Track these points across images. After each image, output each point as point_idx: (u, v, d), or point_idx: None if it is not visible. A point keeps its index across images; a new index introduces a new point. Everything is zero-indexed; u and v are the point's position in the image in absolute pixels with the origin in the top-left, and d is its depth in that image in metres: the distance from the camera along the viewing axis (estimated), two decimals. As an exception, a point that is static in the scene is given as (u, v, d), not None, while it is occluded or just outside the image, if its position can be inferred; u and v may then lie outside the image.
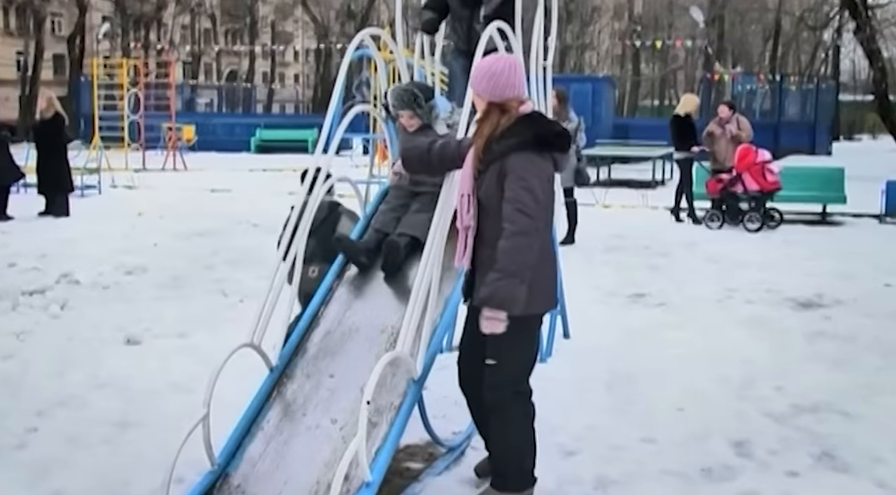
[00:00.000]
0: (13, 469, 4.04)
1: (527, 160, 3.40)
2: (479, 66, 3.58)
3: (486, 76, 3.49)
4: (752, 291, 8.06)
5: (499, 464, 3.72)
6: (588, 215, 13.35)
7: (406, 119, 4.63)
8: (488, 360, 3.58)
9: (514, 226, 3.33)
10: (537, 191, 3.38)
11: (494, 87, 3.47)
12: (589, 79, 29.02)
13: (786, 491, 3.91)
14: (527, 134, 3.43)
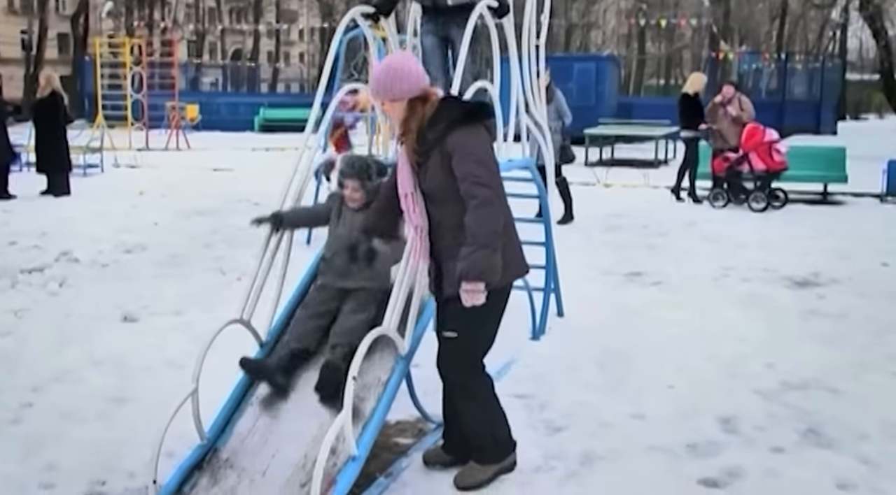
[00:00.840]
0: (7, 443, 4.10)
1: (466, 134, 3.43)
2: (384, 73, 3.49)
3: (396, 78, 3.45)
4: (749, 270, 8.08)
5: (473, 439, 3.76)
6: (588, 194, 13.41)
7: (350, 191, 4.12)
8: (448, 333, 3.63)
9: (476, 200, 3.36)
10: (487, 161, 3.45)
11: (410, 84, 3.46)
12: (592, 58, 28.90)
13: (769, 467, 3.95)
14: (454, 112, 3.47)
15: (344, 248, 4.10)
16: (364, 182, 4.09)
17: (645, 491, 3.70)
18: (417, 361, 5.50)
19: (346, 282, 4.08)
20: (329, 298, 4.07)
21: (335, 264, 4.10)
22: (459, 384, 3.70)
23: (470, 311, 3.46)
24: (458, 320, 3.58)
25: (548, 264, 6.03)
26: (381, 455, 4.11)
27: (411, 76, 3.47)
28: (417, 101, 3.48)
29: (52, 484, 3.71)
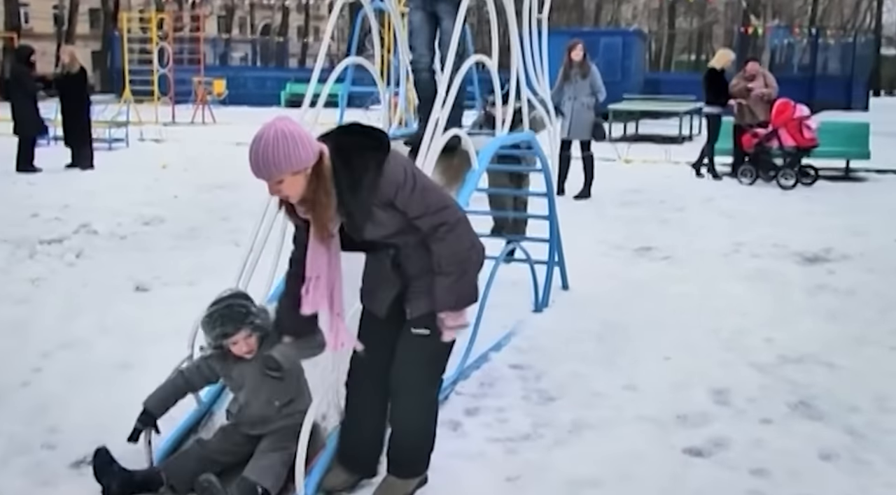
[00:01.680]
0: (14, 405, 4.24)
1: (389, 174, 2.97)
2: (280, 143, 2.83)
3: (295, 145, 2.84)
4: (760, 246, 8.07)
5: (405, 454, 3.38)
6: (608, 170, 13.39)
7: (242, 344, 3.43)
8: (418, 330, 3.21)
9: (442, 229, 3.02)
10: (429, 185, 3.10)
11: (311, 148, 2.90)
12: (619, 32, 28.65)
13: (756, 437, 3.99)
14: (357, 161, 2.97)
15: (250, 397, 3.48)
16: (254, 321, 3.41)
17: (629, 458, 3.76)
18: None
19: (266, 428, 3.48)
20: (241, 442, 3.50)
21: (248, 414, 3.49)
22: (418, 398, 3.32)
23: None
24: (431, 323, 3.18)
25: (551, 238, 6.08)
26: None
27: (305, 138, 2.89)
28: (319, 166, 2.93)
29: (54, 444, 3.84)
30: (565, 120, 11.01)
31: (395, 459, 3.37)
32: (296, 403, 3.48)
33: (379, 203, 2.97)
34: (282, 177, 2.86)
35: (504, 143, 5.18)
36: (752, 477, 3.62)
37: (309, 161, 2.88)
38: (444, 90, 4.31)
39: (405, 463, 3.39)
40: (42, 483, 3.49)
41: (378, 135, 3.04)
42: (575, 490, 3.48)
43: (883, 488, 3.54)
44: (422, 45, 5.14)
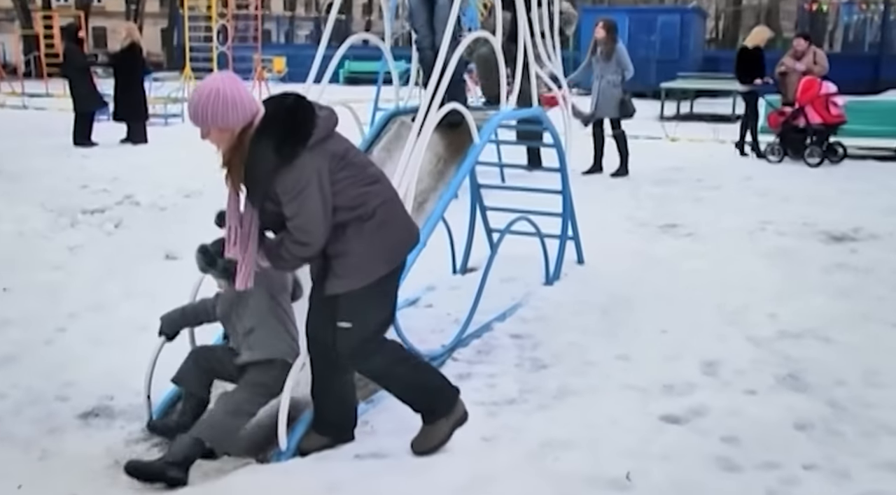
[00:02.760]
0: (36, 361, 4.55)
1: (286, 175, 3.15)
2: (214, 99, 3.09)
3: (230, 106, 3.10)
4: (789, 224, 8.05)
5: (415, 404, 3.60)
6: (652, 148, 13.41)
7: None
8: (341, 323, 3.38)
9: (292, 249, 3.29)
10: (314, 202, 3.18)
11: (244, 113, 3.15)
12: (677, 10, 28.23)
13: (735, 407, 4.09)
14: (263, 151, 3.14)
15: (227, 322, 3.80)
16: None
17: (604, 423, 3.89)
18: (431, 302, 5.82)
19: (241, 359, 3.64)
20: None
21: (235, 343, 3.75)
22: (368, 368, 3.54)
23: (355, 304, 3.36)
24: (345, 312, 3.38)
25: (564, 213, 6.18)
26: (370, 384, 4.39)
27: (238, 102, 3.11)
28: (245, 133, 3.16)
29: (67, 397, 4.12)
30: (593, 98, 11.07)
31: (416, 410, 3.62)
32: (257, 335, 3.59)
33: (271, 194, 3.19)
34: (208, 130, 3.15)
35: (507, 119, 5.30)
36: (721, 443, 3.72)
37: (235, 125, 3.13)
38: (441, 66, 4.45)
39: (420, 412, 3.60)
40: (49, 431, 3.77)
41: (301, 129, 3.16)
42: (544, 451, 3.63)
43: (848, 457, 3.61)
44: (422, 26, 5.27)
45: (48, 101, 20.98)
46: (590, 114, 11.06)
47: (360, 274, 3.35)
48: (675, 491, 3.32)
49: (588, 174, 10.98)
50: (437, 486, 3.31)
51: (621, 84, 10.79)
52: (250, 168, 3.17)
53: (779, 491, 3.34)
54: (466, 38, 4.70)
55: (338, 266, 3.35)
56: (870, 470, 3.51)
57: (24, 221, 7.69)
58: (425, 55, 5.29)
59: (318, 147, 3.19)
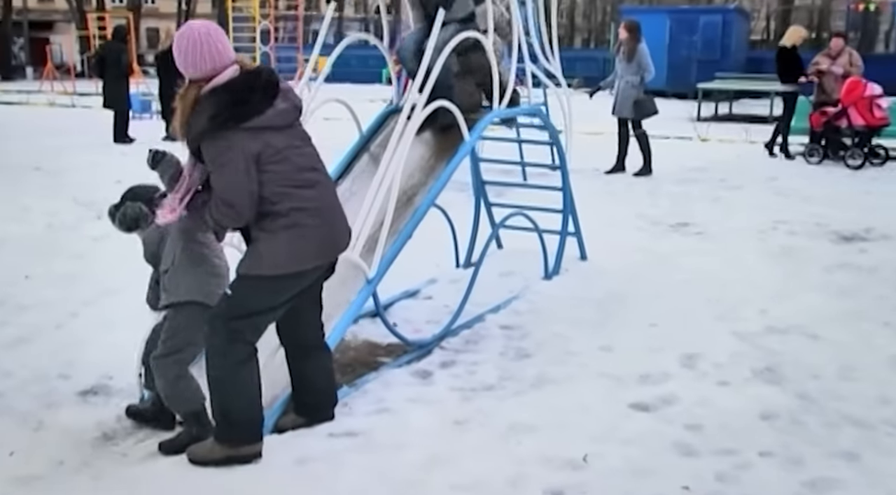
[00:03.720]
0: (45, 342, 4.82)
1: (211, 145, 3.24)
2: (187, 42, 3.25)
3: (191, 52, 3.24)
4: (801, 224, 8.08)
5: (217, 416, 3.50)
6: (681, 148, 13.47)
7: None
8: (227, 289, 3.46)
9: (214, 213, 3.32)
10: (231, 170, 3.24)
11: (203, 65, 3.25)
12: (719, 10, 28.05)
13: (704, 397, 4.19)
14: (203, 116, 3.22)
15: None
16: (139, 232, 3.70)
17: (574, 410, 4.03)
18: (431, 294, 5.99)
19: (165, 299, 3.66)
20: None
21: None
22: (211, 343, 3.45)
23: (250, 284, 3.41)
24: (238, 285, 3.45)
25: (564, 209, 6.31)
26: (358, 369, 4.60)
27: (207, 56, 3.24)
28: (200, 85, 3.28)
29: (69, 375, 4.38)
30: (614, 98, 11.17)
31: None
32: (171, 276, 3.59)
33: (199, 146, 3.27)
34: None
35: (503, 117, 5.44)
36: (684, 431, 3.84)
37: (188, 73, 3.27)
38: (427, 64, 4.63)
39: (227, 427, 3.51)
40: (47, 405, 4.02)
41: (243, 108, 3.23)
42: (510, 433, 3.78)
43: (806, 446, 3.71)
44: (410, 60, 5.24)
45: (96, 100, 21.53)
46: (596, 87, 11.25)
47: (260, 264, 3.38)
48: (628, 473, 3.45)
49: (610, 173, 11.06)
50: (400, 464, 3.48)
51: (641, 85, 10.85)
52: (190, 123, 3.26)
53: (728, 476, 3.45)
54: (455, 39, 4.83)
55: (249, 249, 3.46)
56: (824, 458, 3.61)
57: (55, 214, 8.05)
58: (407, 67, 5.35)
59: (255, 131, 3.25)
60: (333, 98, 5.48)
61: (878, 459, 3.61)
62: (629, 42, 10.90)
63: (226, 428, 3.44)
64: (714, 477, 3.44)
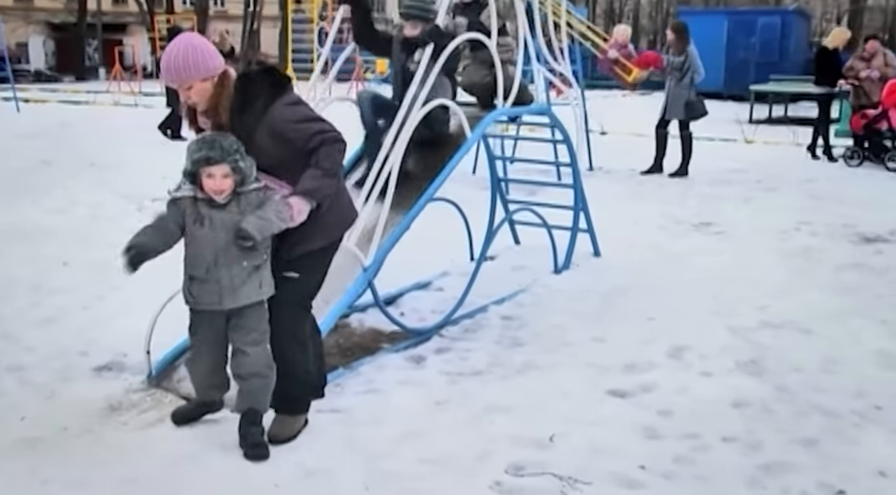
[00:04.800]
0: (70, 323, 5.17)
1: (286, 107, 3.46)
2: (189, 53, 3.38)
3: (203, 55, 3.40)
4: (827, 225, 8.11)
5: (293, 387, 3.71)
6: (723, 150, 13.48)
7: (219, 179, 3.39)
8: (289, 274, 3.60)
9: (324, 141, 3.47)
10: (319, 118, 3.54)
11: (216, 60, 3.44)
12: (778, 11, 27.71)
13: (682, 386, 4.34)
14: (254, 87, 3.45)
15: (218, 255, 3.47)
16: (238, 163, 3.37)
17: (553, 393, 4.21)
18: (442, 285, 6.21)
19: (235, 301, 3.49)
20: (217, 325, 3.59)
21: (215, 279, 3.48)
22: (292, 321, 3.68)
23: (310, 258, 3.64)
24: (297, 264, 3.62)
25: (575, 205, 6.48)
26: (356, 354, 4.85)
27: (212, 51, 3.44)
28: (224, 77, 3.47)
29: (87, 352, 4.71)
30: (664, 99, 11.23)
31: (285, 395, 3.69)
32: (263, 270, 3.51)
33: (265, 129, 3.42)
34: (191, 83, 3.39)
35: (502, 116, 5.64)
36: (654, 415, 4.01)
37: (216, 70, 3.42)
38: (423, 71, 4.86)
39: (286, 397, 3.71)
40: (63, 378, 4.35)
41: (280, 74, 3.55)
42: (486, 414, 3.99)
43: (770, 432, 3.84)
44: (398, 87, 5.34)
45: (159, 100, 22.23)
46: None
47: (313, 240, 3.61)
48: (589, 452, 3.63)
49: (647, 174, 11.15)
50: (374, 437, 3.72)
51: (691, 86, 10.91)
52: (245, 104, 3.42)
53: (686, 457, 3.61)
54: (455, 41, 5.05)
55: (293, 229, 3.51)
56: (784, 444, 3.74)
57: (99, 207, 8.48)
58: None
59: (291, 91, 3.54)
60: (344, 96, 5.71)
61: (837, 446, 3.73)
62: (677, 44, 10.98)
63: (304, 398, 3.78)
64: (672, 459, 3.60)
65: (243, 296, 3.48)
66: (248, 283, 3.47)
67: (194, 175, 3.43)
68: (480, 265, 5.51)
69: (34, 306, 5.46)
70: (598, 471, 3.47)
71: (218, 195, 3.41)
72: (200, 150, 3.35)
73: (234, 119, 3.44)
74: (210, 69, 3.42)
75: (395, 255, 5.80)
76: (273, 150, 3.48)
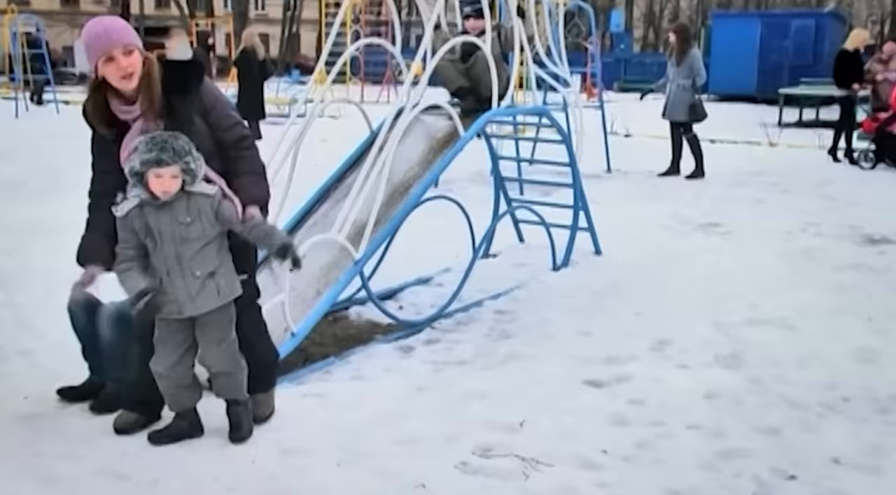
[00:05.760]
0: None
1: (209, 85, 3.54)
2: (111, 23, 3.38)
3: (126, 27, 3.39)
4: (834, 226, 8.17)
5: (265, 371, 3.83)
6: (743, 152, 13.57)
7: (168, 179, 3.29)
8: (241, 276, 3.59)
9: (247, 141, 3.61)
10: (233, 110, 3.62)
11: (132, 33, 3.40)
12: (812, 14, 27.56)
13: (658, 377, 4.48)
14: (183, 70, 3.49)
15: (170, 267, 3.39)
16: (189, 164, 3.30)
17: (529, 382, 4.38)
18: (442, 281, 6.38)
19: (195, 309, 3.45)
20: (184, 331, 3.53)
21: (170, 290, 3.40)
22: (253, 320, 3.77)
23: (249, 255, 3.72)
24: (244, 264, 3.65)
25: (575, 204, 6.63)
26: (348, 343, 5.06)
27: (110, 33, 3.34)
28: (147, 60, 3.42)
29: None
30: (665, 101, 11.35)
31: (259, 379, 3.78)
32: (218, 277, 3.46)
33: (199, 110, 3.44)
34: (132, 48, 3.30)
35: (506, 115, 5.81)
36: (624, 404, 4.15)
37: (139, 45, 3.37)
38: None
39: (263, 381, 3.84)
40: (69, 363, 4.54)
41: (197, 62, 3.64)
42: (462, 400, 4.16)
43: (734, 421, 3.97)
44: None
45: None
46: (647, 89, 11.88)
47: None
48: (557, 437, 3.79)
49: (664, 176, 11.25)
50: (352, 419, 3.90)
51: (692, 88, 11.01)
52: (178, 89, 3.40)
53: (648, 443, 3.76)
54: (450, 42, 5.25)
55: None
56: (746, 432, 3.87)
57: (123, 203, 8.76)
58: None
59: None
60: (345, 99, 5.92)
61: (798, 434, 3.86)
62: (678, 45, 11.07)
63: (270, 376, 3.88)
64: (634, 444, 3.74)
65: (201, 304, 3.44)
66: (204, 291, 3.43)
67: (141, 175, 3.29)
68: (475, 261, 5.69)
69: (49, 296, 5.71)
70: (562, 454, 3.63)
71: (164, 195, 3.32)
72: (150, 151, 3.24)
73: (174, 99, 3.40)
74: (138, 41, 3.36)
75: (401, 251, 6.04)
76: (204, 138, 3.45)
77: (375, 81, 24.85)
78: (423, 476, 3.41)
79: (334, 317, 5.49)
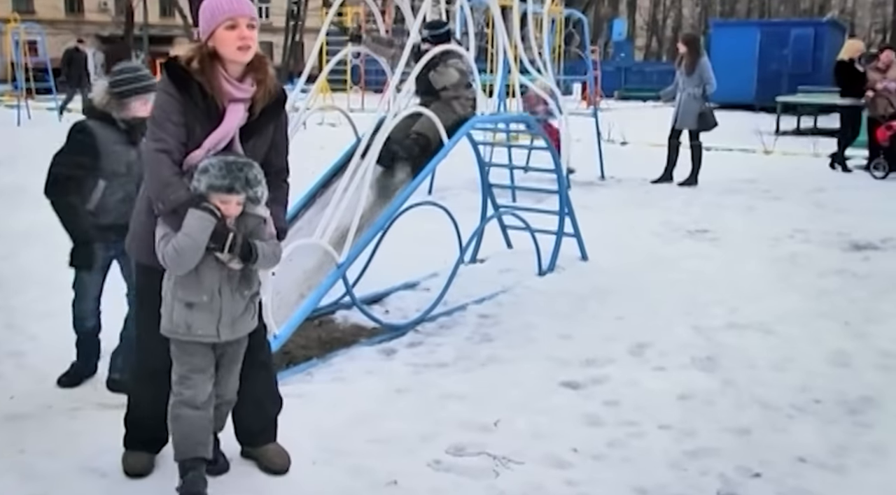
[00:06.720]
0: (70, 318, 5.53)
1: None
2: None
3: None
4: (822, 233, 8.24)
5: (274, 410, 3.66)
6: (737, 160, 13.63)
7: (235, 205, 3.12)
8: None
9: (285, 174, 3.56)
10: None
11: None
12: (811, 23, 27.63)
13: (634, 379, 4.56)
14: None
15: (222, 282, 3.17)
16: (257, 194, 3.14)
17: (507, 384, 4.47)
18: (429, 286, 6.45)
19: (233, 333, 3.24)
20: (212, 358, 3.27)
21: (216, 308, 3.17)
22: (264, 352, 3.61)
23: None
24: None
25: (560, 210, 6.71)
26: (333, 345, 5.15)
27: None
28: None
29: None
30: (675, 110, 11.42)
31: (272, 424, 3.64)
32: (256, 299, 3.35)
33: (277, 122, 3.33)
34: (255, 24, 3.14)
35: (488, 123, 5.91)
36: (599, 405, 4.24)
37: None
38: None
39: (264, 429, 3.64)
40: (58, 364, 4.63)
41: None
42: (441, 401, 4.25)
43: (705, 422, 4.05)
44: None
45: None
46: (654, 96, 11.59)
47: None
48: (530, 437, 3.88)
49: (657, 183, 11.33)
50: (330, 419, 3.99)
51: (702, 97, 11.09)
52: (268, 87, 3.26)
53: (619, 442, 3.84)
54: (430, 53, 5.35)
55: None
56: (716, 432, 3.96)
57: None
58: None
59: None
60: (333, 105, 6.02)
61: (766, 434, 3.94)
62: (688, 55, 11.15)
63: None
64: (605, 443, 3.84)
65: (240, 327, 3.26)
66: (245, 314, 3.26)
67: (204, 196, 3.07)
68: (459, 265, 5.77)
69: (41, 300, 5.83)
70: (534, 453, 3.72)
71: (227, 218, 3.12)
72: (224, 178, 3.03)
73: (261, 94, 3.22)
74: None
75: (390, 256, 6.13)
76: (263, 147, 3.32)
77: (377, 90, 24.96)
78: (395, 473, 3.50)
79: (320, 320, 5.58)
